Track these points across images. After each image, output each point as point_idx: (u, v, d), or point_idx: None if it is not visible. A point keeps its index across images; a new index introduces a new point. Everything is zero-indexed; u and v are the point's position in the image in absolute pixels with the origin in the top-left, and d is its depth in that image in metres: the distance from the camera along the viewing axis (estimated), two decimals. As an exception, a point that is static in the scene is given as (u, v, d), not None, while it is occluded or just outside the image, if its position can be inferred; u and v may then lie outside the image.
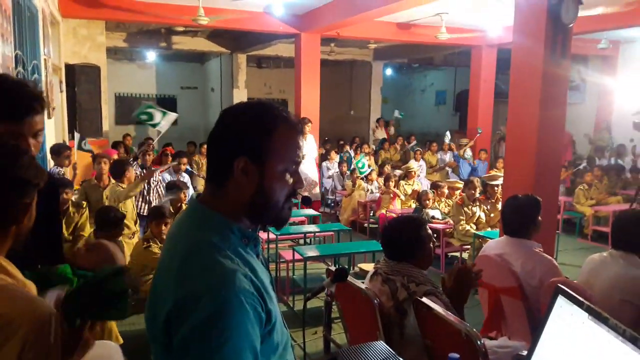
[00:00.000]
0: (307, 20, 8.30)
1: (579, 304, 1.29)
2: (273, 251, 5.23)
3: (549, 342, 1.37)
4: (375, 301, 2.22)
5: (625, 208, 6.21)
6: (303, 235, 5.67)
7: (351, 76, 15.76)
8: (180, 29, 10.00)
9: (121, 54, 13.29)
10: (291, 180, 1.21)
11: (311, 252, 4.73)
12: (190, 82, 15.19)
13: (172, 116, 6.53)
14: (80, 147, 6.37)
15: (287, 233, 5.48)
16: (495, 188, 5.70)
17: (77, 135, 6.38)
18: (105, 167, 5.01)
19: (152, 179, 5.41)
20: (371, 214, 7.49)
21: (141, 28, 10.19)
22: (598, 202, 7.44)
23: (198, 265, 1.08)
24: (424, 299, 2.06)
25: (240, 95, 12.75)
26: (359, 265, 5.28)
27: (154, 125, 6.48)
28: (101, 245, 1.99)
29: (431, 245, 2.40)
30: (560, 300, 1.36)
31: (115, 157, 6.45)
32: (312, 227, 5.74)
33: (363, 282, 2.51)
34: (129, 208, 4.87)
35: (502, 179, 5.31)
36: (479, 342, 1.79)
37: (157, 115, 6.51)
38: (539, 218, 3.03)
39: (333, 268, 1.83)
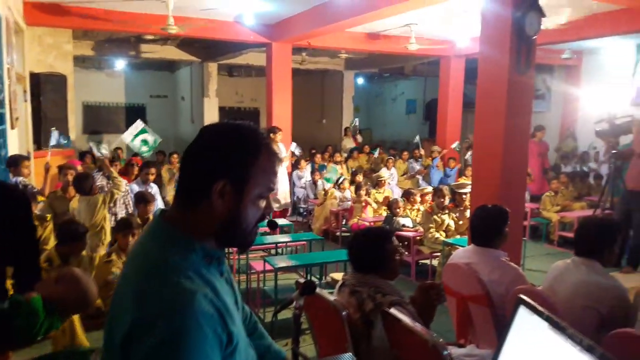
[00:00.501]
0: (278, 29, 8.32)
1: (539, 314, 1.31)
2: (244, 262, 5.18)
3: (511, 352, 1.39)
4: (344, 313, 2.22)
5: (590, 214, 6.38)
6: (275, 245, 5.63)
7: (323, 85, 15.84)
8: (150, 37, 9.88)
9: (89, 62, 13.06)
10: (263, 206, 1.21)
11: (282, 262, 4.70)
12: (160, 91, 15.01)
13: (138, 124, 6.41)
14: (59, 145, 6.20)
15: (259, 243, 5.44)
16: (464, 196, 5.79)
17: (54, 133, 6.20)
18: (72, 179, 4.89)
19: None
20: (343, 223, 7.51)
21: (110, 36, 10.04)
22: (564, 209, 7.63)
23: (156, 286, 1.06)
24: (391, 310, 2.06)
25: (211, 104, 12.67)
26: (330, 275, 5.27)
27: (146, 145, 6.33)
28: (72, 277, 1.94)
29: (397, 258, 2.41)
30: (522, 310, 1.38)
31: (80, 168, 6.30)
32: (284, 237, 5.72)
33: (332, 293, 2.50)
34: (107, 227, 4.78)
35: (470, 186, 5.39)
36: (445, 352, 1.80)
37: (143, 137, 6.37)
38: (506, 229, 3.08)
39: (302, 280, 1.82)
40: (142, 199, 4.77)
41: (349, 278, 2.43)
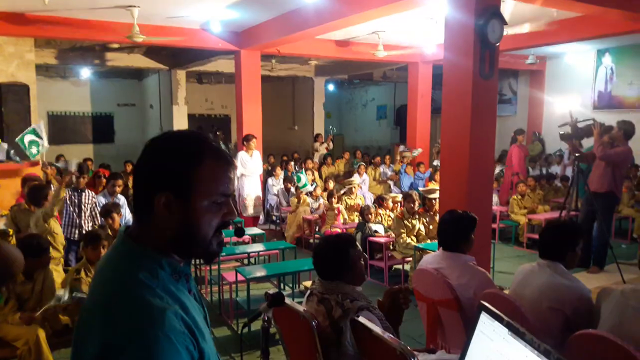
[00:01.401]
0: (247, 37, 8.30)
1: (500, 320, 1.33)
2: (216, 272, 5.12)
3: (475, 357, 1.41)
4: (313, 323, 2.21)
5: (556, 216, 6.54)
6: (247, 255, 5.58)
7: (293, 92, 15.85)
8: (116, 45, 9.73)
9: (53, 71, 12.76)
10: (222, 212, 1.17)
11: (255, 272, 4.67)
12: (128, 99, 14.76)
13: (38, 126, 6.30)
14: (9, 158, 6.02)
15: (231, 253, 5.40)
16: (433, 201, 5.86)
17: (3, 146, 6.02)
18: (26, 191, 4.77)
19: (84, 202, 5.20)
20: (316, 230, 7.50)
21: (74, 45, 9.84)
22: (531, 211, 7.79)
23: (125, 305, 1.03)
24: (360, 318, 2.07)
25: (180, 112, 12.53)
26: (303, 283, 5.25)
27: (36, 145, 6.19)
28: None
29: (362, 262, 2.42)
30: (483, 317, 1.40)
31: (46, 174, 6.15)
32: (256, 246, 5.68)
33: (302, 302, 2.50)
34: (58, 230, 4.65)
35: (439, 191, 5.46)
36: (412, 359, 1.81)
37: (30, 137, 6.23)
38: (472, 235, 3.13)
39: (272, 291, 1.81)
40: (107, 212, 4.68)
41: (316, 287, 2.42)
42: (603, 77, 10.88)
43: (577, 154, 5.85)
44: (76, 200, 5.39)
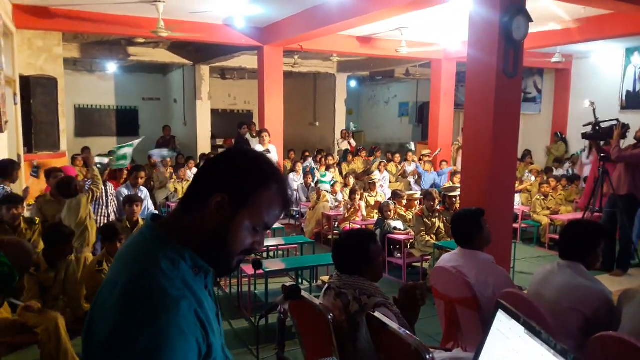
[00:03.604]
0: (269, 33, 8.34)
1: (517, 318, 1.33)
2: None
3: (490, 355, 1.41)
4: (329, 316, 2.22)
5: (579, 216, 6.43)
6: (266, 249, 5.62)
7: (315, 88, 15.86)
8: (141, 40, 9.87)
9: (80, 65, 13.00)
10: (255, 239, 1.20)
11: (273, 266, 4.71)
12: (152, 94, 14.96)
13: (136, 141, 6.50)
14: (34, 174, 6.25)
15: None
16: (454, 199, 5.81)
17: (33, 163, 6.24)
18: (54, 184, 4.89)
19: (110, 192, 5.31)
20: (335, 226, 7.51)
21: (100, 39, 10.01)
22: (554, 212, 7.67)
23: (142, 291, 1.06)
24: (376, 313, 2.07)
25: (203, 107, 12.66)
26: (321, 278, 5.28)
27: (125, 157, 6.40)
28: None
29: (381, 258, 2.43)
30: (500, 315, 1.40)
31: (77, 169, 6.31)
32: (275, 240, 5.72)
33: (319, 297, 2.51)
34: (92, 225, 4.77)
35: (459, 189, 5.42)
36: (427, 356, 1.81)
37: (127, 150, 6.43)
38: (485, 229, 3.09)
39: (289, 284, 1.83)
40: (128, 200, 4.77)
41: (334, 280, 2.44)
42: (632, 77, 10.61)
43: (602, 154, 5.73)
44: (104, 191, 5.50)
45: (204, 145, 12.52)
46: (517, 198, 8.08)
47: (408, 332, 1.99)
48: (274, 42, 8.42)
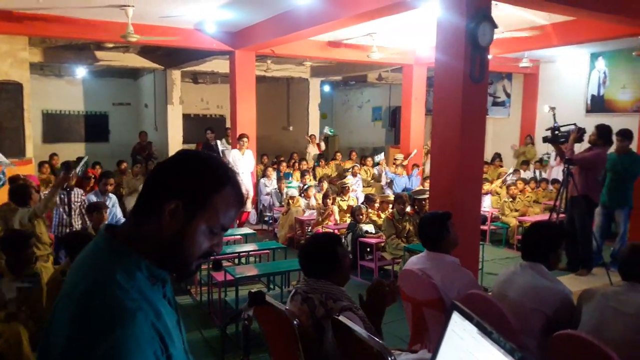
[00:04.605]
0: (241, 37, 8.32)
1: (470, 319, 1.35)
2: (205, 272, 5.14)
3: (445, 356, 1.43)
4: (295, 322, 2.23)
5: (546, 217, 6.58)
6: (237, 254, 5.60)
7: (289, 92, 15.88)
8: (110, 44, 9.73)
9: (48, 69, 12.75)
10: (213, 242, 1.20)
11: (245, 271, 4.68)
12: (123, 99, 14.75)
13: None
14: None
15: (222, 253, 5.41)
16: (424, 202, 5.89)
17: None
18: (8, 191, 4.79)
19: (73, 200, 5.20)
20: (308, 230, 7.52)
21: (69, 43, 9.83)
22: (522, 213, 7.83)
23: (97, 304, 1.05)
24: (340, 317, 2.09)
25: (175, 111, 12.54)
26: (292, 283, 5.28)
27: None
28: None
29: (348, 261, 2.45)
30: (455, 316, 1.42)
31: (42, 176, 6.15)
32: (247, 246, 5.70)
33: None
34: (43, 229, 4.66)
35: (428, 193, 5.49)
36: (390, 359, 1.83)
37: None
38: (452, 232, 3.14)
39: (255, 290, 1.83)
40: (93, 208, 4.68)
41: (301, 285, 2.45)
42: (596, 81, 10.92)
43: (567, 158, 5.88)
44: (65, 199, 5.39)
45: (175, 151, 12.32)
46: (487, 200, 8.22)
47: (372, 335, 2.01)
48: (246, 47, 8.41)
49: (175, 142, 12.52)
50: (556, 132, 5.93)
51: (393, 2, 5.31)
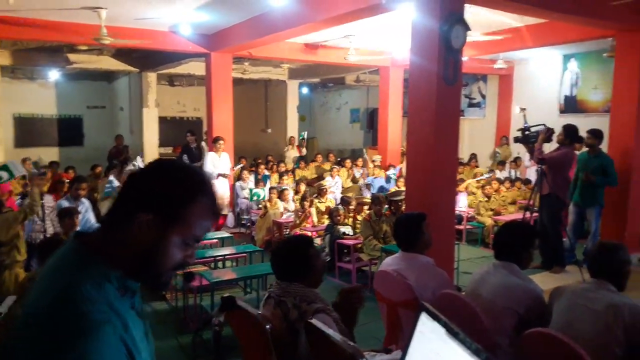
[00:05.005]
0: (217, 40, 8.27)
1: (438, 320, 1.36)
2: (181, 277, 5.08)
3: (414, 357, 1.44)
4: (268, 326, 2.22)
5: (520, 217, 6.69)
6: (213, 258, 5.54)
7: (267, 94, 15.84)
8: (84, 47, 9.57)
9: (20, 72, 12.49)
10: (186, 253, 1.18)
11: (220, 276, 4.65)
12: (98, 102, 14.54)
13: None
14: None
15: (199, 257, 5.35)
16: (400, 203, 5.93)
17: None
18: None
19: (47, 205, 5.10)
20: (286, 233, 7.50)
21: (41, 45, 9.65)
22: (497, 213, 7.93)
23: (64, 315, 1.02)
24: (313, 320, 2.08)
25: (150, 114, 12.40)
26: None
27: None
28: None
29: (320, 263, 2.44)
30: (423, 317, 1.43)
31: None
32: (223, 250, 5.65)
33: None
34: (22, 234, 4.57)
35: (404, 194, 5.53)
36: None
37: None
38: (425, 232, 3.17)
39: (226, 295, 1.81)
40: (64, 214, 4.60)
41: (274, 289, 2.43)
42: (569, 82, 11.15)
43: (539, 157, 5.98)
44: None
45: (151, 154, 12.24)
46: (463, 201, 8.31)
47: (344, 337, 2.01)
48: (222, 49, 8.36)
49: (151, 146, 12.38)
50: (527, 132, 6.04)
51: (368, 5, 5.33)
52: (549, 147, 6.35)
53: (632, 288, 5.76)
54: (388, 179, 9.68)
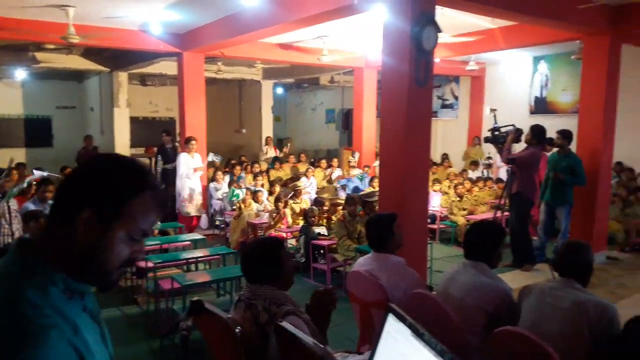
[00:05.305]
0: (189, 39, 8.17)
1: (404, 321, 1.36)
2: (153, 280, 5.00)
3: (381, 358, 1.43)
4: (237, 329, 2.19)
5: (491, 216, 6.79)
6: (186, 261, 5.47)
7: (241, 94, 15.73)
8: (52, 46, 9.34)
9: (-16, 72, 12.13)
10: (133, 248, 1.15)
11: (193, 279, 4.58)
12: (67, 102, 14.21)
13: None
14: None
15: (169, 260, 5.28)
16: (374, 204, 5.95)
17: None
18: None
19: (13, 209, 4.95)
20: (261, 234, 7.44)
21: (6, 44, 9.37)
22: (470, 212, 8.04)
23: (7, 321, 0.98)
24: (283, 323, 2.06)
25: (122, 115, 12.18)
26: (244, 287, 5.20)
27: None
28: None
29: (291, 265, 2.43)
30: (390, 318, 1.43)
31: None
32: (196, 252, 5.58)
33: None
34: None
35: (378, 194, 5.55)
36: (331, 363, 1.82)
37: None
38: (396, 232, 3.18)
39: (195, 299, 1.78)
40: (30, 217, 4.46)
41: (244, 292, 2.41)
42: (539, 84, 11.37)
43: (509, 158, 6.08)
44: (6, 207, 5.12)
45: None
46: (437, 200, 8.40)
47: (315, 340, 2.00)
48: (194, 49, 8.26)
49: (122, 146, 12.16)
50: (496, 132, 6.13)
51: (340, 6, 5.33)
52: (519, 147, 6.46)
53: (599, 285, 5.95)
54: (362, 178, 9.72)
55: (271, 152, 12.74)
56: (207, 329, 2.47)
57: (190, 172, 8.21)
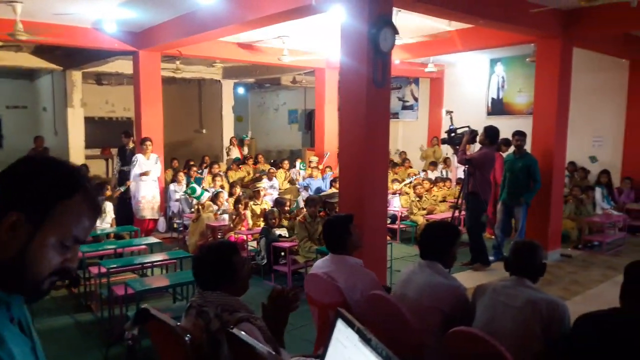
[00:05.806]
0: (145, 37, 7.97)
1: (352, 326, 1.33)
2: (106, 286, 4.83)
3: (331, 366, 1.40)
4: (187, 337, 2.12)
5: (449, 215, 6.89)
6: (141, 266, 5.31)
7: (200, 94, 15.48)
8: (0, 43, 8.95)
9: None
10: (65, 256, 1.07)
11: (148, 284, 4.45)
12: (18, 101, 13.67)
13: None
14: None
15: (124, 265, 5.11)
16: (335, 205, 5.94)
17: None
18: None
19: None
20: (221, 237, 7.32)
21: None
22: (429, 212, 8.14)
23: None
24: (234, 330, 2.00)
25: (76, 114, 11.77)
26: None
27: None
28: None
29: (245, 270, 2.37)
30: (339, 324, 1.40)
31: None
32: (152, 257, 5.43)
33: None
34: None
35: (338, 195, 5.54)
36: (282, 369, 1.78)
37: None
38: (353, 234, 3.17)
39: (143, 306, 1.70)
40: None
41: (195, 299, 2.33)
42: (495, 85, 11.64)
43: (466, 158, 6.18)
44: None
45: (76, 156, 11.62)
46: (397, 200, 8.47)
47: (268, 348, 1.95)
48: (150, 47, 8.06)
49: (76, 147, 11.76)
50: (452, 134, 6.22)
51: (299, 6, 5.29)
52: (475, 148, 6.57)
53: (553, 282, 6.10)
54: (324, 179, 9.71)
55: (235, 153, 12.58)
56: (156, 337, 2.39)
57: (146, 174, 7.98)
